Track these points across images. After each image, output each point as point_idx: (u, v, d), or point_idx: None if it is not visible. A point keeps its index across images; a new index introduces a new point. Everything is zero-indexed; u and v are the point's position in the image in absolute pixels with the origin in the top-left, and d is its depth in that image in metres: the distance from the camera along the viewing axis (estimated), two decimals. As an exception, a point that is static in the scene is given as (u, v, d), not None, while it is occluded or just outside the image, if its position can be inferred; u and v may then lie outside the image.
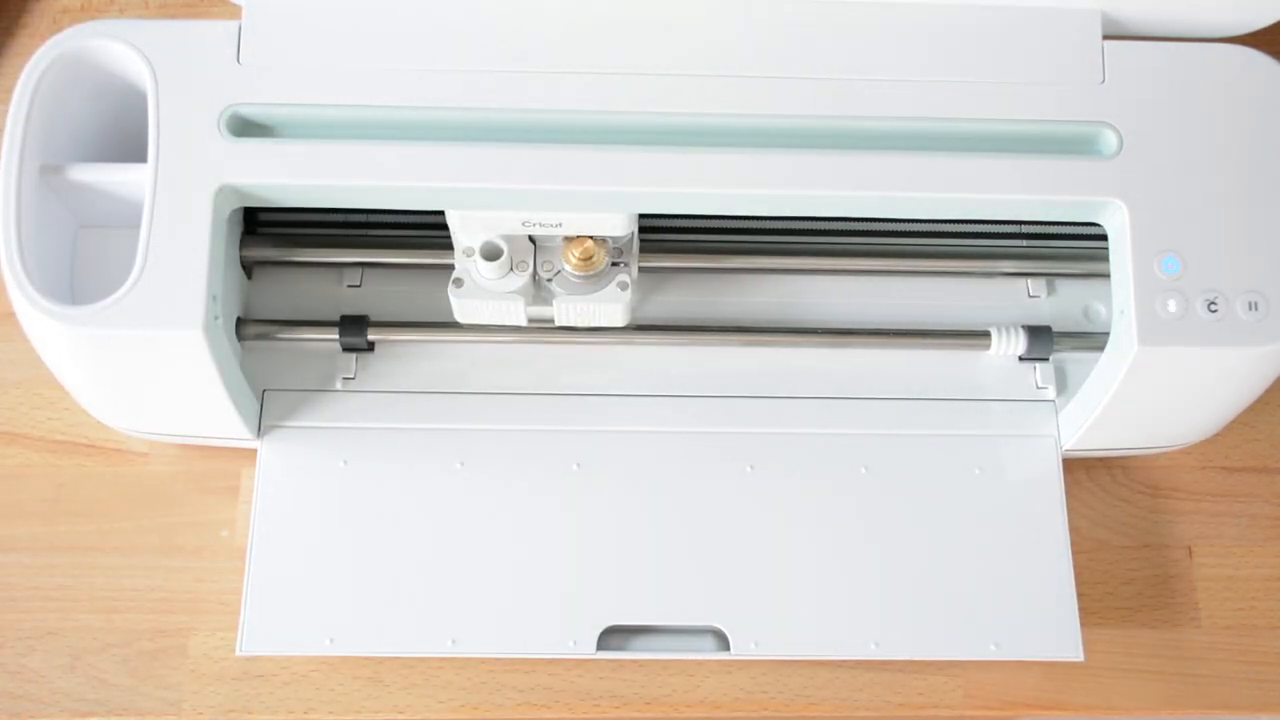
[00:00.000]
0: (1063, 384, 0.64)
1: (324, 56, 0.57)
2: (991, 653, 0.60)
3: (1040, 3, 0.59)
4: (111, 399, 0.60)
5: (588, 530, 0.61)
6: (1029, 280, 0.66)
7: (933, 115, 0.58)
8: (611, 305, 0.60)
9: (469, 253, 0.60)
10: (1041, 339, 0.63)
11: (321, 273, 0.65)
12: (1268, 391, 0.61)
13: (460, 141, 0.56)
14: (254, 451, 0.62)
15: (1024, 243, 0.66)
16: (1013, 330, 0.63)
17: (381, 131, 0.57)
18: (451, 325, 0.62)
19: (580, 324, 0.62)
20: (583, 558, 0.60)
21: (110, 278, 0.55)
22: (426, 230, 0.63)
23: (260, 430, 0.62)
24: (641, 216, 0.61)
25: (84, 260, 0.60)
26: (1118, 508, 0.66)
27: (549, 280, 0.60)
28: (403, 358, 0.64)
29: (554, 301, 0.60)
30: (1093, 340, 0.63)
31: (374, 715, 0.60)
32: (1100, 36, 0.59)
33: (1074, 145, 0.58)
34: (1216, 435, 0.66)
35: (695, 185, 0.56)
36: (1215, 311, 0.56)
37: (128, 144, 0.59)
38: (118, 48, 0.57)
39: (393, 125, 0.57)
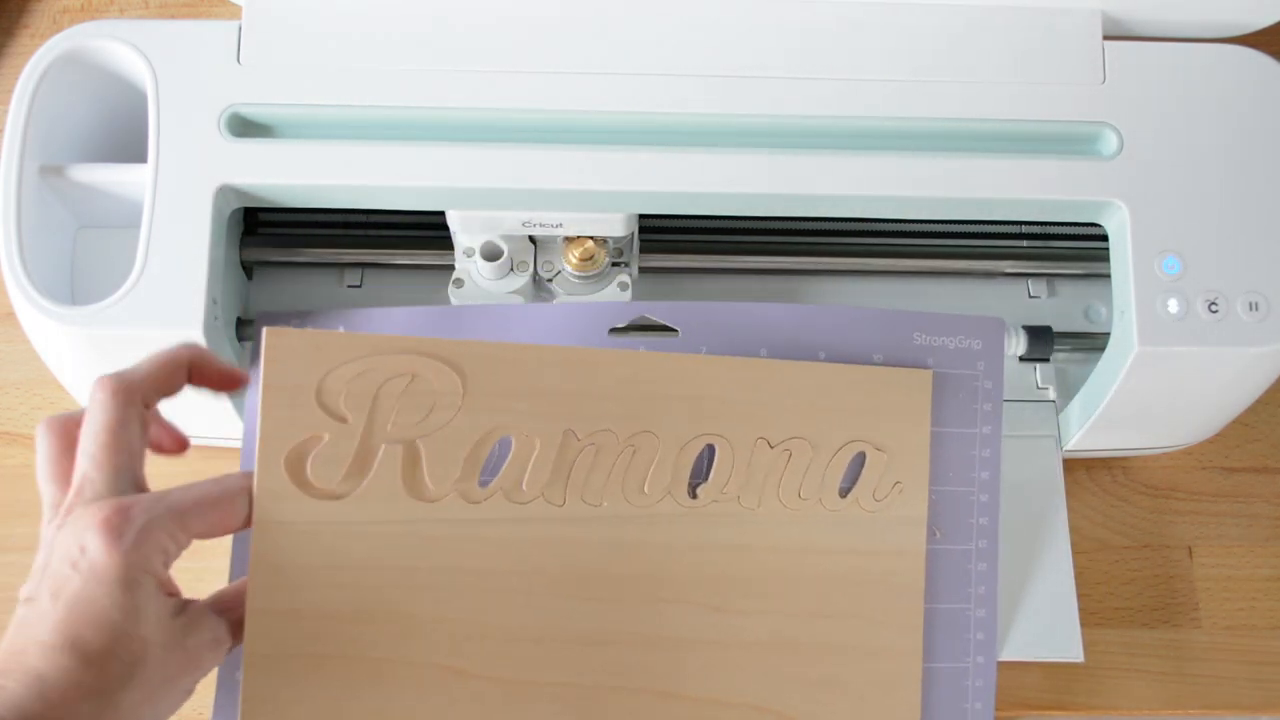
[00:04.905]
0: (1063, 384, 0.64)
1: (324, 56, 0.57)
2: (992, 653, 0.60)
3: (1040, 3, 0.59)
4: (111, 399, 0.60)
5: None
6: (1030, 280, 0.66)
7: (933, 115, 0.58)
8: (612, 305, 0.60)
9: (469, 253, 0.60)
10: (1042, 339, 0.63)
11: (321, 273, 0.65)
12: (1268, 391, 0.61)
13: (460, 141, 0.56)
14: (254, 452, 0.62)
15: (1025, 243, 0.66)
16: (1013, 330, 0.63)
17: (381, 131, 0.57)
18: (452, 325, 0.62)
19: (580, 324, 0.62)
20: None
21: (110, 278, 0.55)
22: (426, 230, 0.63)
23: (260, 430, 0.62)
24: (641, 216, 0.61)
25: (84, 260, 0.60)
26: (1118, 508, 0.66)
27: (549, 280, 0.60)
28: (403, 358, 0.64)
29: (554, 302, 0.60)
30: (1093, 340, 0.63)
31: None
32: (1100, 36, 0.59)
33: (1074, 145, 0.58)
34: (1216, 435, 0.66)
35: (695, 185, 0.56)
36: (1215, 311, 0.56)
37: (128, 144, 0.59)
38: (118, 48, 0.57)
39: (393, 125, 0.57)
